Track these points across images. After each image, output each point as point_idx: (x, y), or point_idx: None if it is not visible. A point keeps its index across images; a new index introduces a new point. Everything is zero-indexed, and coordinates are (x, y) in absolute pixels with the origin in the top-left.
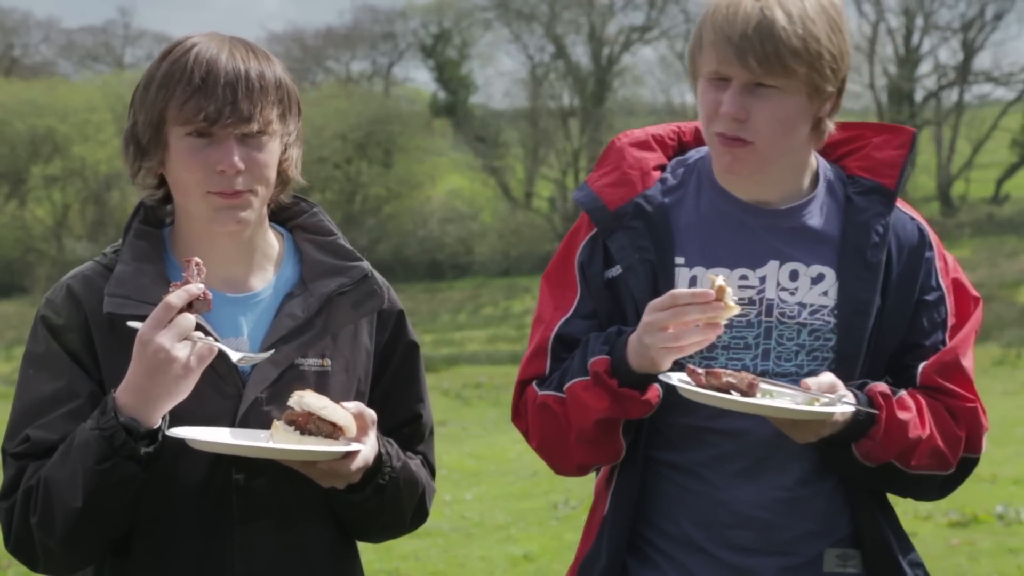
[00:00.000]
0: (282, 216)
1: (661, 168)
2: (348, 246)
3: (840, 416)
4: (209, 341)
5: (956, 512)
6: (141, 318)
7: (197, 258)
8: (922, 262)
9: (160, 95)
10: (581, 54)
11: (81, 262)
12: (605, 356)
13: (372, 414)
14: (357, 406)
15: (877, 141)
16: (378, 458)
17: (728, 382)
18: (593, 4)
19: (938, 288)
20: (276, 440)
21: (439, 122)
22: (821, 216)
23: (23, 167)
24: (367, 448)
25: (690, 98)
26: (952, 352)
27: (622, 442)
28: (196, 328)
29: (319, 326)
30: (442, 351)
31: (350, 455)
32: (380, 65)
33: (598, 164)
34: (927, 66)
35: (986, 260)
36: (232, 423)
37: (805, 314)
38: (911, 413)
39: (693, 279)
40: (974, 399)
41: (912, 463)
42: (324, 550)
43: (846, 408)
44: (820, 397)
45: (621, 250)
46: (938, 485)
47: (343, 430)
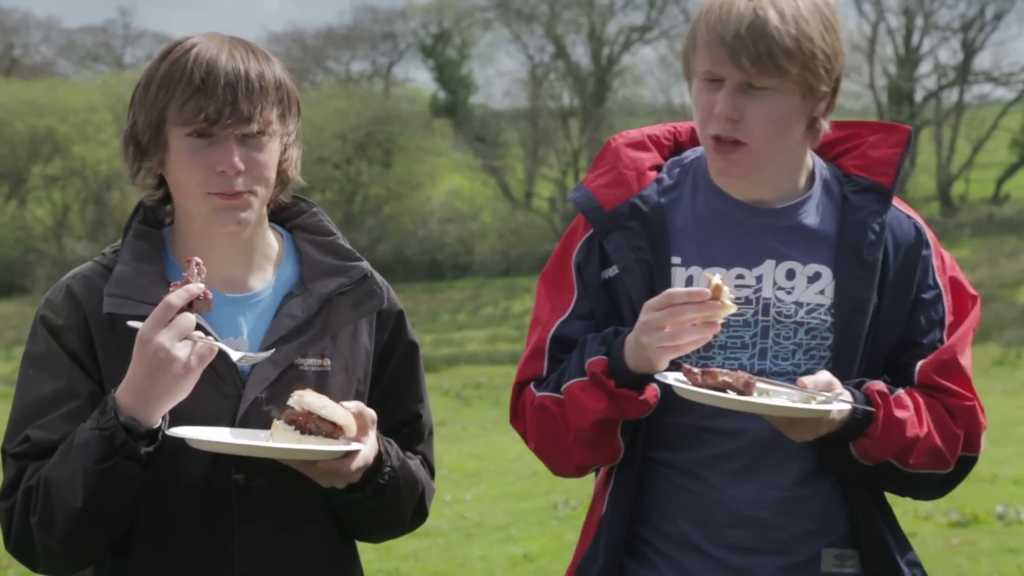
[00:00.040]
0: (281, 216)
1: (657, 168)
2: (347, 246)
3: (837, 415)
4: (209, 341)
5: (956, 512)
6: (141, 318)
7: (197, 258)
8: (919, 260)
9: (160, 95)
10: (581, 54)
11: (81, 262)
12: (602, 357)
13: (372, 414)
14: (357, 406)
15: (873, 140)
16: (378, 458)
17: (724, 381)
18: (593, 4)
19: (935, 286)
20: (276, 439)
21: (439, 122)
22: (817, 215)
23: (23, 167)
24: (367, 448)
25: (690, 98)
26: (950, 350)
27: (620, 443)
28: (196, 328)
29: (319, 326)
30: (442, 351)
31: (350, 455)
32: (380, 65)
33: (594, 165)
34: (927, 66)
35: (986, 260)
36: (232, 423)
37: (802, 313)
38: (908, 412)
39: (690, 279)
40: (972, 397)
41: (910, 462)
42: (324, 550)
43: (843, 406)
44: (817, 395)
45: (617, 250)
46: (936, 484)
47: (343, 429)
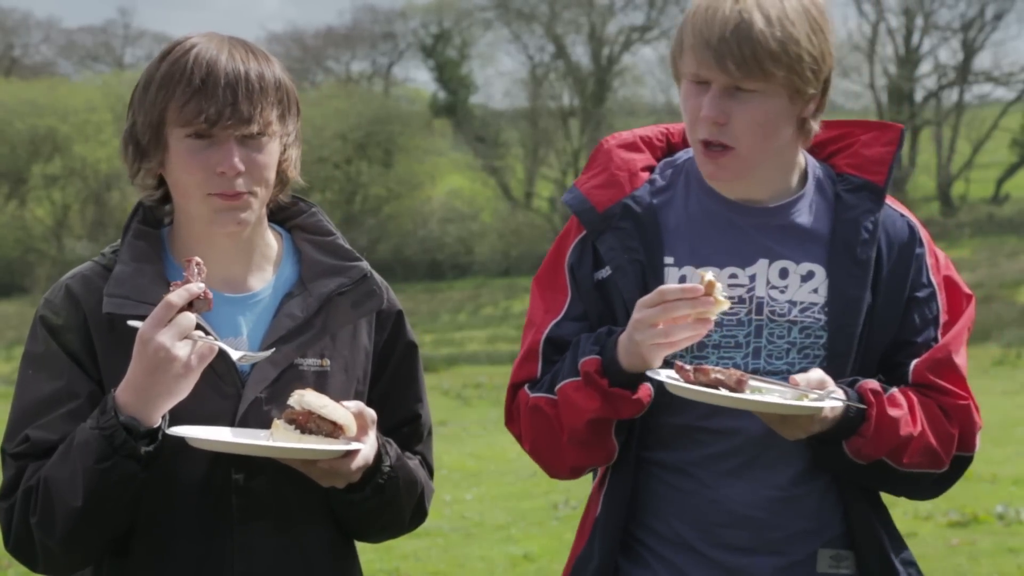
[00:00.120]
0: (281, 216)
1: (650, 169)
2: (347, 246)
3: (830, 413)
4: (209, 340)
5: (956, 512)
6: (140, 318)
7: (198, 258)
8: (913, 259)
9: (160, 96)
10: (581, 54)
11: (81, 262)
12: (596, 356)
13: (372, 413)
14: (357, 405)
15: (865, 138)
16: (378, 457)
17: (716, 379)
18: (593, 4)
19: (929, 285)
20: (276, 439)
21: (439, 122)
22: (810, 214)
23: (23, 167)
24: (367, 447)
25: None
26: (944, 349)
27: (614, 443)
28: (195, 328)
29: (318, 326)
30: (442, 351)
31: (350, 454)
32: (380, 65)
33: (587, 167)
34: (927, 66)
35: (986, 260)
36: (232, 423)
37: (795, 312)
38: (902, 410)
39: (682, 279)
40: (967, 396)
41: (904, 461)
42: (323, 550)
43: (835, 403)
44: (809, 393)
45: (610, 251)
46: (931, 483)
47: (343, 429)
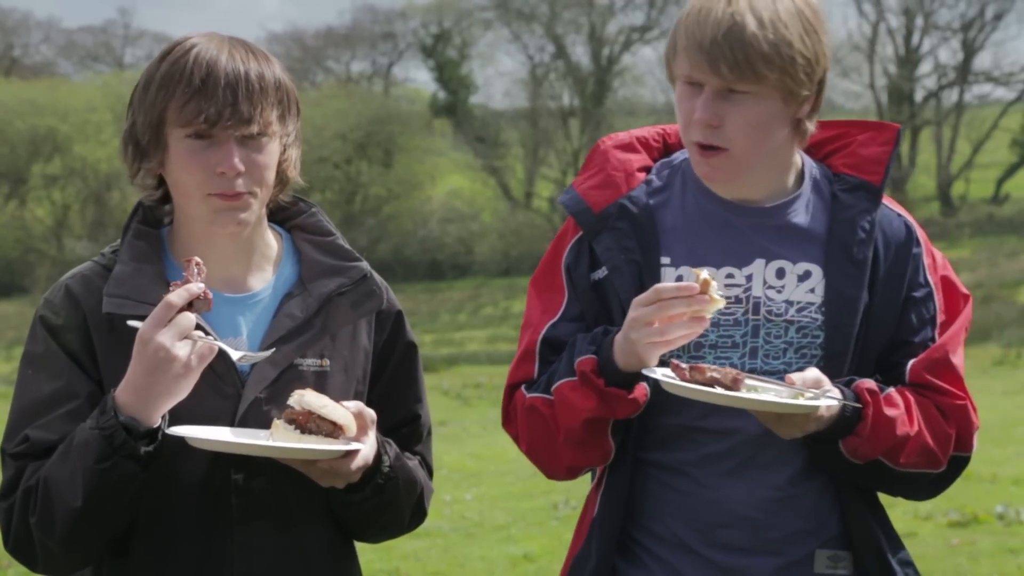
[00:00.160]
0: (281, 216)
1: (646, 170)
2: (347, 246)
3: (826, 411)
4: (209, 340)
5: (956, 512)
6: (140, 318)
7: (197, 258)
8: (910, 258)
9: (160, 96)
10: (581, 54)
11: (81, 262)
12: (592, 356)
13: (372, 414)
14: (357, 405)
15: (862, 138)
16: (377, 458)
17: (712, 377)
18: (593, 4)
19: (926, 284)
20: (276, 439)
21: (439, 122)
22: (807, 214)
23: (23, 167)
24: (367, 447)
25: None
26: (941, 349)
27: (611, 443)
28: (195, 328)
29: (318, 326)
30: (442, 351)
31: (350, 454)
32: (380, 65)
33: (583, 167)
34: (927, 66)
35: (986, 260)
36: (231, 423)
37: (792, 311)
38: (899, 410)
39: (679, 279)
40: (964, 396)
41: (901, 461)
42: (323, 550)
43: (830, 402)
44: (805, 392)
45: (607, 251)
46: (929, 484)
47: (343, 429)
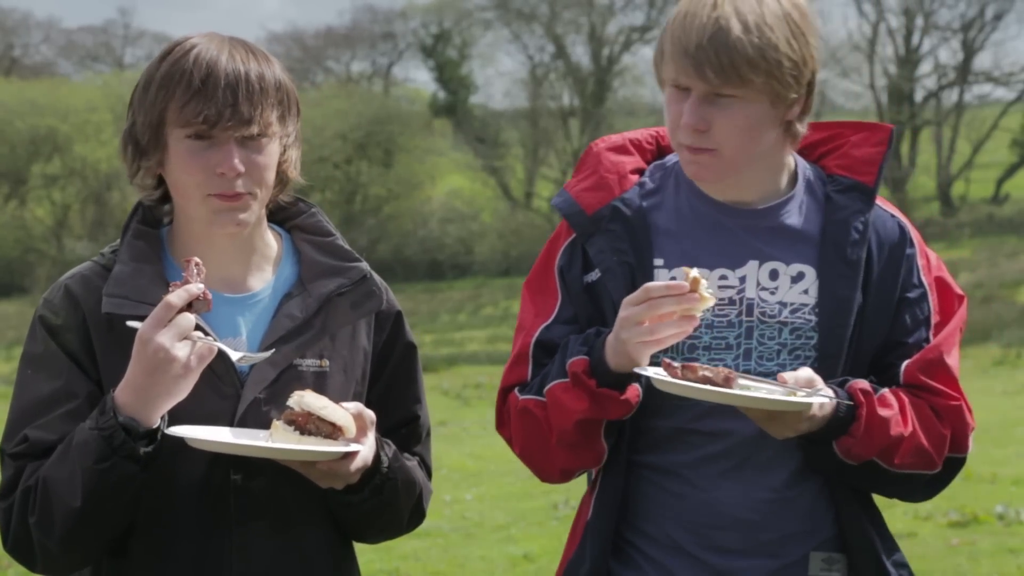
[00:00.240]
0: (280, 216)
1: (639, 172)
2: (347, 247)
3: (819, 411)
4: (209, 341)
5: (956, 512)
6: (139, 318)
7: (197, 258)
8: (903, 259)
9: (160, 96)
10: (581, 54)
11: (81, 262)
12: (583, 356)
13: (371, 415)
14: (356, 406)
15: (855, 139)
16: (376, 459)
17: (704, 376)
18: (593, 4)
19: (920, 285)
20: (275, 440)
21: (439, 122)
22: (800, 215)
23: (23, 167)
24: (366, 449)
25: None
26: (936, 350)
27: (604, 445)
28: (194, 328)
29: (317, 327)
30: (442, 351)
31: (349, 455)
32: (380, 65)
33: (576, 170)
34: (927, 66)
35: (986, 260)
36: (231, 423)
37: (786, 313)
38: (892, 410)
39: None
40: (959, 397)
41: (895, 461)
42: (322, 551)
43: (822, 399)
44: (797, 391)
45: (599, 253)
46: (924, 485)
47: (342, 430)
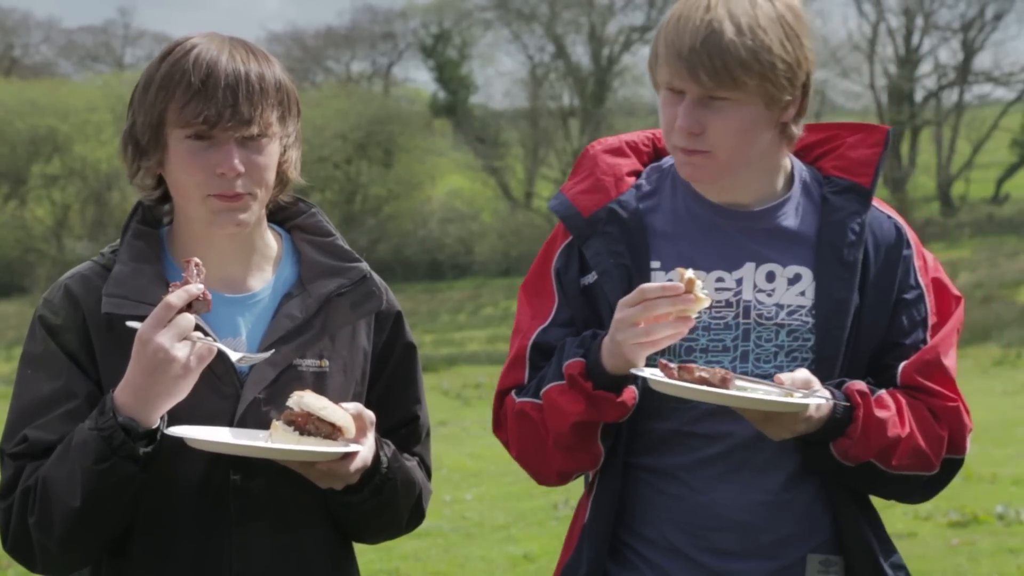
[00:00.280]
0: (280, 216)
1: (636, 174)
2: (347, 247)
3: (815, 412)
4: (208, 341)
5: (956, 512)
6: (139, 318)
7: (197, 259)
8: (900, 260)
9: (160, 96)
10: (581, 54)
11: (81, 262)
12: (580, 359)
13: (371, 415)
14: (356, 407)
15: (852, 140)
16: (376, 459)
17: (700, 376)
18: (593, 4)
19: (917, 287)
20: (275, 440)
21: (439, 122)
22: (796, 217)
23: (23, 167)
24: (365, 449)
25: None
26: (933, 351)
27: (600, 448)
28: (194, 328)
29: (317, 327)
30: (442, 351)
31: (348, 456)
32: (380, 65)
33: (572, 172)
34: (927, 66)
35: (986, 260)
36: (230, 423)
37: (783, 315)
38: (890, 412)
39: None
40: (956, 398)
41: (893, 463)
42: (321, 551)
43: (818, 400)
44: (794, 392)
45: (596, 256)
46: (921, 486)
47: (342, 431)
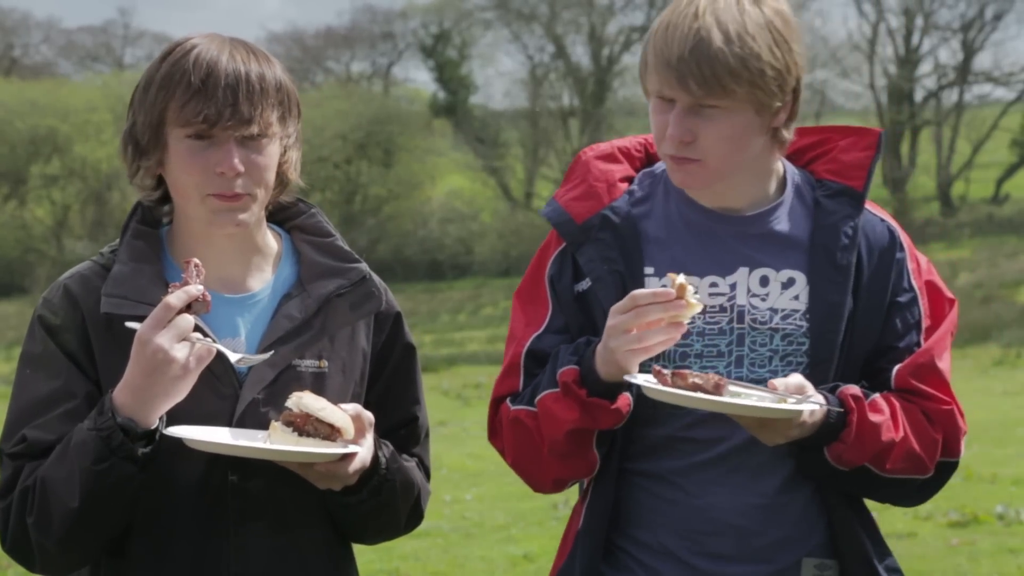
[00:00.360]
0: (280, 217)
1: (628, 180)
2: (346, 247)
3: (809, 418)
4: (208, 342)
5: (956, 512)
6: (138, 318)
7: (196, 259)
8: (893, 263)
9: (160, 96)
10: (581, 54)
11: (81, 262)
12: (574, 366)
13: (370, 416)
14: (355, 408)
15: (844, 144)
16: (374, 460)
17: (694, 383)
18: (593, 4)
19: (911, 289)
20: (274, 441)
21: (439, 122)
22: (789, 221)
23: (23, 167)
24: (364, 450)
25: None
26: (927, 354)
27: (596, 455)
28: (194, 329)
29: (317, 327)
30: (442, 351)
31: (347, 457)
32: (380, 65)
33: (565, 179)
34: (927, 66)
35: (986, 260)
36: (229, 423)
37: (777, 319)
38: (884, 415)
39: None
40: (950, 401)
41: (887, 467)
42: (320, 552)
43: (813, 406)
44: (787, 397)
45: (590, 262)
46: (916, 489)
47: (341, 432)
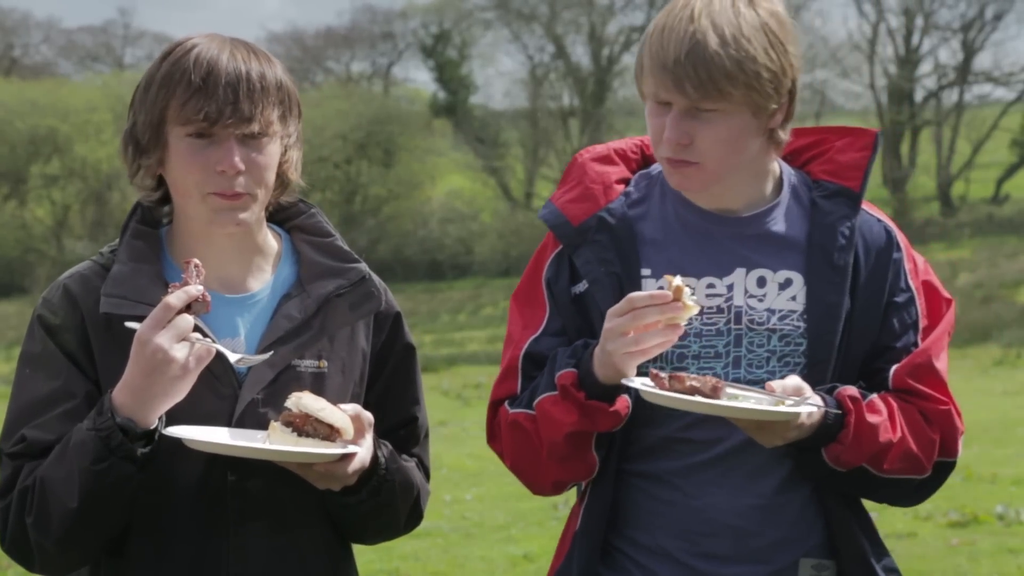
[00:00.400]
0: (280, 216)
1: (625, 182)
2: (346, 247)
3: (807, 419)
4: (207, 342)
5: (956, 512)
6: (138, 318)
7: (196, 260)
8: (890, 263)
9: (160, 95)
10: (581, 54)
11: (81, 262)
12: (572, 369)
13: (369, 416)
14: (354, 408)
15: (840, 144)
16: (374, 460)
17: (692, 386)
18: (593, 4)
19: (908, 289)
20: (273, 441)
21: (439, 122)
22: (786, 221)
23: (23, 167)
24: (363, 450)
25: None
26: (924, 354)
27: (595, 457)
28: (193, 329)
29: (316, 327)
30: (442, 351)
31: (346, 457)
32: (380, 65)
33: (561, 181)
34: (927, 66)
35: (986, 260)
36: (228, 423)
37: (774, 320)
38: (881, 416)
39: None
40: (947, 401)
41: (885, 467)
42: (319, 552)
43: (810, 408)
44: (785, 399)
45: (586, 264)
46: (913, 489)
47: (340, 432)
